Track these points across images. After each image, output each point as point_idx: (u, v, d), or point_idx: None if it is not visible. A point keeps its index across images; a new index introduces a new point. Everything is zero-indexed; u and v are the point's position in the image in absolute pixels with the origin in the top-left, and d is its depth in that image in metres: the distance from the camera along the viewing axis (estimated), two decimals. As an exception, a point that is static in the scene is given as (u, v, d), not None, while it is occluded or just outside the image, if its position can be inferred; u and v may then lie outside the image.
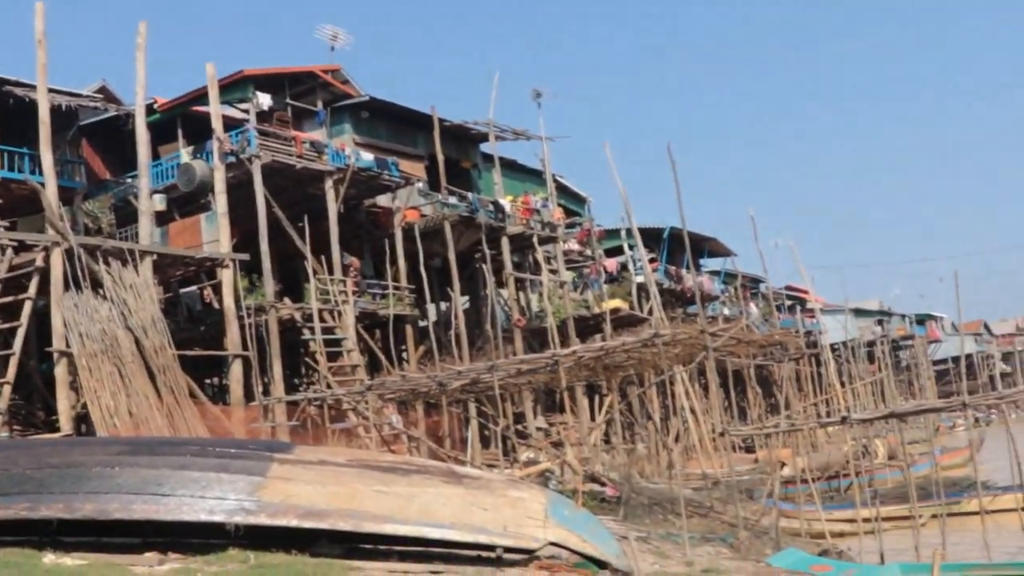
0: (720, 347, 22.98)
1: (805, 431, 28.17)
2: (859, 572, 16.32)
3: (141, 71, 28.61)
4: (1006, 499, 25.57)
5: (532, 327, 37.97)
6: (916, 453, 35.76)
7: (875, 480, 29.54)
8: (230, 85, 31.15)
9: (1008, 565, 17.17)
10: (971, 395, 21.82)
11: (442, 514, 11.73)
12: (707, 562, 15.82)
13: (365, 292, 32.22)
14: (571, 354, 22.15)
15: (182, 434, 23.18)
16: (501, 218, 37.04)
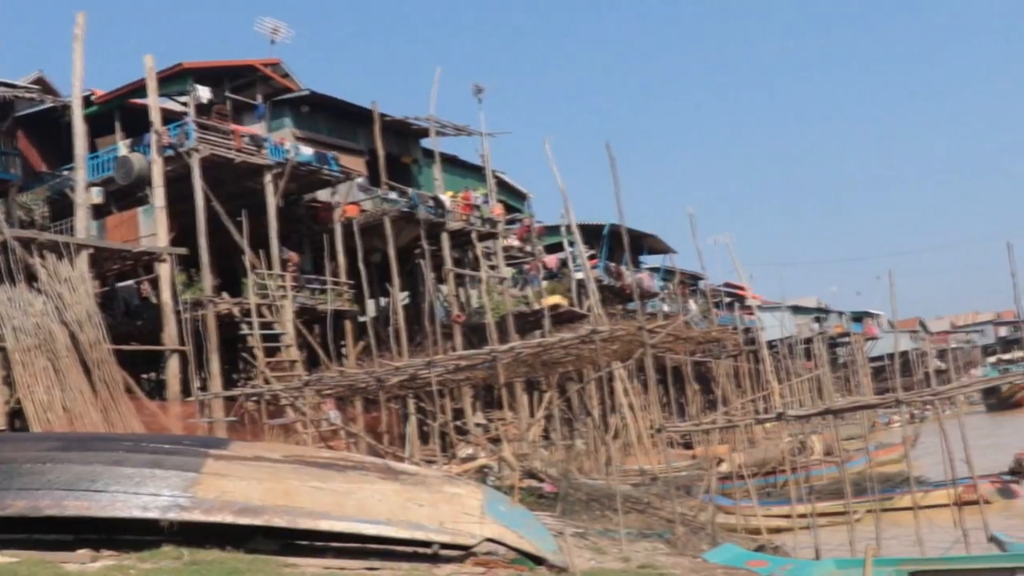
0: (658, 344, 23.04)
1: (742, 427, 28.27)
2: (794, 567, 16.41)
3: (79, 62, 28.33)
4: (938, 495, 25.91)
5: (472, 323, 37.98)
6: (852, 449, 36.13)
7: (811, 476, 29.80)
8: (169, 78, 30.91)
9: (940, 560, 17.38)
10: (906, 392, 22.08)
11: (378, 510, 11.69)
12: (644, 558, 15.88)
13: (304, 287, 32.08)
14: (509, 350, 22.14)
15: (117, 430, 22.96)
16: (441, 214, 37.01)
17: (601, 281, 47.20)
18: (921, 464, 34.76)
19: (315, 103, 35.44)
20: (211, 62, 33.08)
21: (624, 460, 35.35)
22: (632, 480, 30.76)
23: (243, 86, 33.93)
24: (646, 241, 57.81)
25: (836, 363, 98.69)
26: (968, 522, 19.39)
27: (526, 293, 42.96)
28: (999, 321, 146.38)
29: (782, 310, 75.35)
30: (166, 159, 29.07)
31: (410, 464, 19.90)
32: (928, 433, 27.30)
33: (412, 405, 31.60)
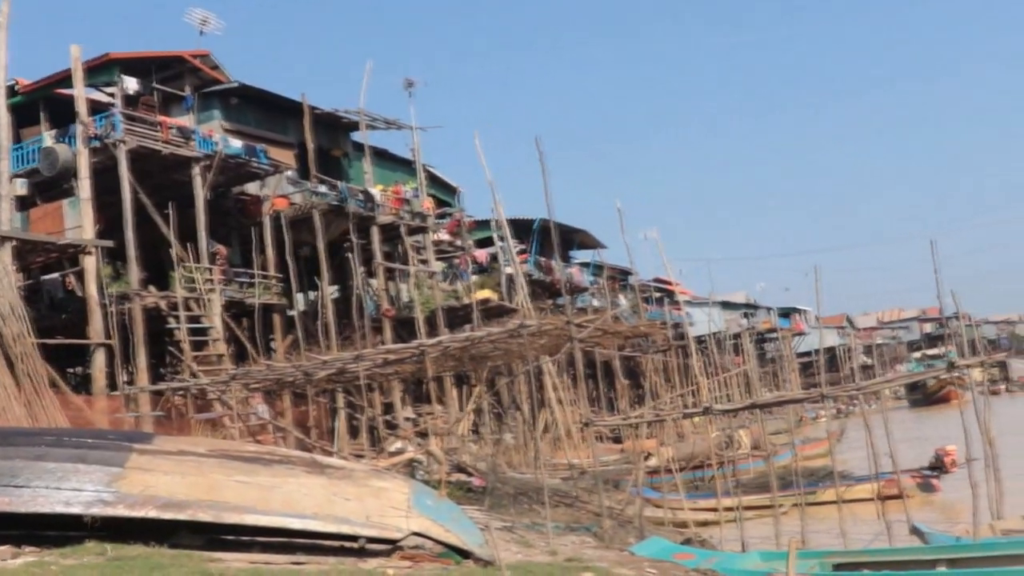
0: (586, 338, 23.16)
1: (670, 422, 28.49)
2: (720, 560, 16.54)
3: (2, 51, 27.85)
4: (861, 488, 26.26)
5: (402, 317, 37.90)
6: (779, 444, 36.44)
7: (738, 470, 30.06)
8: (96, 68, 30.55)
9: (863, 552, 17.60)
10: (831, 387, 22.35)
11: (304, 504, 11.66)
12: (571, 551, 15.92)
13: (232, 281, 31.86)
14: (437, 344, 22.12)
15: (42, 425, 22.66)
16: (371, 207, 36.91)
17: (531, 276, 47.31)
18: (847, 458, 35.18)
19: (244, 95, 35.20)
20: (139, 53, 32.72)
21: (553, 454, 35.47)
22: (561, 474, 30.86)
23: (171, 77, 33.60)
24: (576, 236, 57.95)
25: (764, 358, 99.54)
26: (891, 515, 19.69)
27: (456, 287, 42.94)
28: (924, 318, 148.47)
29: (710, 305, 75.82)
30: (92, 150, 28.71)
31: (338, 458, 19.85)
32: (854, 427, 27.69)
33: (341, 399, 31.49)
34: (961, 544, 16.94)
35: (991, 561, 15.50)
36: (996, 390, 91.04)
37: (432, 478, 22.09)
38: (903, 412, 77.71)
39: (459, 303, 40.85)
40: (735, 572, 15.39)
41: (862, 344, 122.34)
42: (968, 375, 23.84)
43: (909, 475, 25.51)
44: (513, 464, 31.93)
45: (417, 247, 41.14)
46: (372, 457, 25.57)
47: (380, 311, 36.99)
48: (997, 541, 17.13)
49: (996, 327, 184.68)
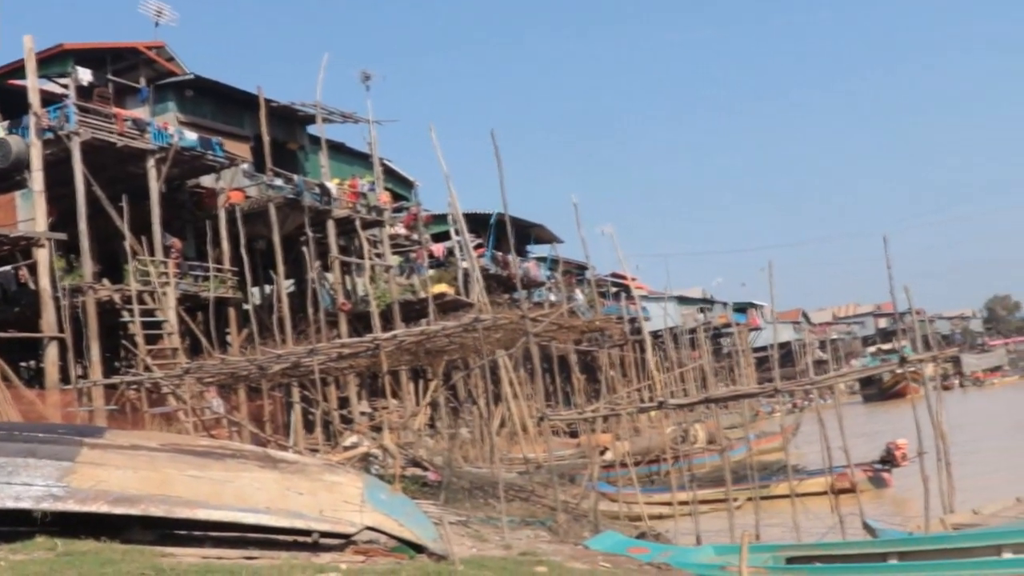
0: (541, 332, 23.18)
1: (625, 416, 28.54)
2: (674, 554, 16.62)
3: (-47, 42, 27.68)
4: (812, 482, 26.47)
5: (358, 311, 37.83)
6: (734, 438, 36.64)
7: (693, 464, 30.19)
8: (49, 59, 30.30)
9: (816, 545, 17.74)
10: (786, 381, 22.51)
11: (257, 499, 11.61)
12: (525, 545, 15.96)
13: (187, 274, 31.66)
14: (392, 338, 22.10)
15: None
16: (327, 201, 36.80)
17: (488, 270, 47.28)
18: (802, 452, 35.43)
19: (200, 87, 34.98)
20: (93, 43, 32.51)
21: (510, 449, 35.50)
22: (517, 469, 30.91)
23: (126, 69, 33.38)
24: (533, 231, 58.02)
25: (720, 353, 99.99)
26: (844, 509, 19.87)
27: (412, 282, 42.88)
28: (879, 313, 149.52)
29: (665, 300, 76.08)
30: (45, 142, 28.43)
31: (292, 453, 19.79)
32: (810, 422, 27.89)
33: (296, 393, 31.40)
34: (912, 538, 17.09)
35: (941, 555, 15.64)
36: (948, 385, 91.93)
37: (387, 472, 22.06)
38: (857, 407, 78.35)
39: (415, 297, 40.81)
40: (689, 566, 15.46)
41: (817, 339, 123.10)
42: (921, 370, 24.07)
43: (860, 469, 25.70)
44: (469, 458, 31.95)
45: (373, 241, 41.05)
46: (327, 452, 25.48)
47: (336, 305, 36.89)
48: (948, 535, 17.29)
49: (950, 323, 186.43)
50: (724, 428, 34.80)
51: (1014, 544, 15.58)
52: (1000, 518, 19.41)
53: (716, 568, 15.36)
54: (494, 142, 20.27)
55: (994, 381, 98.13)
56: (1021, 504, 20.52)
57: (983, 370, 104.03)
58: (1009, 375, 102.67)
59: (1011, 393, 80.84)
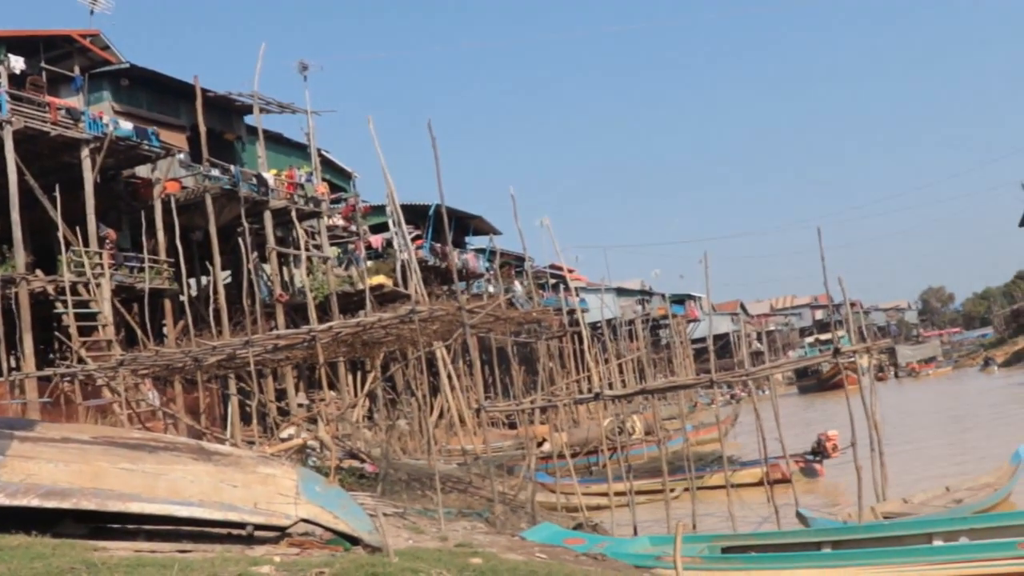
0: (478, 324, 23.19)
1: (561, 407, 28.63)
2: (611, 544, 16.69)
3: None
4: (747, 473, 26.71)
5: (295, 303, 37.66)
6: (671, 429, 36.83)
7: (631, 455, 30.32)
8: (-21, 47, 29.95)
9: (750, 535, 17.91)
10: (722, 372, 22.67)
11: (191, 492, 11.52)
12: (462, 536, 15.95)
13: (122, 265, 31.36)
14: (328, 330, 22.04)
15: (-78, 412, 22.23)
16: (264, 192, 36.58)
17: (426, 262, 47.25)
18: (741, 443, 35.70)
19: (135, 77, 34.65)
20: (25, 31, 32.14)
21: (448, 440, 35.52)
22: (456, 460, 30.93)
23: (60, 57, 33.02)
24: (472, 222, 57.97)
25: (659, 344, 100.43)
26: (779, 499, 20.07)
27: (350, 273, 42.75)
28: (815, 304, 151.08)
29: (602, 292, 76.31)
30: (-24, 131, 28.11)
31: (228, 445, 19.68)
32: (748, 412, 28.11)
33: (233, 385, 31.23)
34: (845, 527, 17.35)
35: (874, 543, 15.87)
36: (883, 376, 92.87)
37: (324, 465, 22.00)
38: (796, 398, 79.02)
39: (353, 289, 40.69)
40: (624, 556, 15.54)
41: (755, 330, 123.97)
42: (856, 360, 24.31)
43: (792, 460, 25.96)
44: (408, 450, 31.92)
45: (311, 232, 40.89)
46: (263, 444, 25.36)
47: (273, 296, 36.71)
48: (880, 524, 17.58)
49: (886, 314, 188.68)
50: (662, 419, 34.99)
51: (944, 532, 15.87)
52: (929, 507, 19.74)
53: (651, 558, 15.45)
54: (431, 133, 20.29)
55: (928, 372, 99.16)
56: (950, 493, 20.86)
57: (918, 361, 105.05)
58: (943, 366, 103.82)
59: (944, 384, 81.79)
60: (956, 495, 20.67)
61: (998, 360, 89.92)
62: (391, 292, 41.71)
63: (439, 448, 31.24)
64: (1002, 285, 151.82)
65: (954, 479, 22.65)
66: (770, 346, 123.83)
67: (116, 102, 33.81)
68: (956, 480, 22.40)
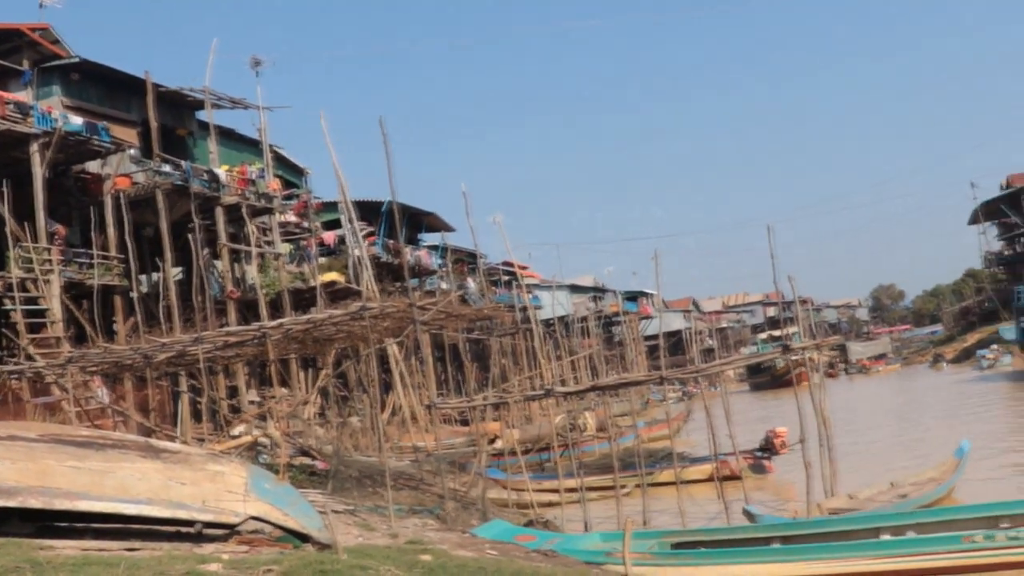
0: (430, 321, 23.19)
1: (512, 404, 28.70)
2: (561, 541, 16.78)
3: None
4: (697, 469, 26.86)
5: (247, 299, 37.48)
6: (624, 426, 36.98)
7: (583, 452, 30.42)
8: (-74, 40, 29.64)
9: (700, 531, 18.04)
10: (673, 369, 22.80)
11: (139, 489, 11.46)
12: (412, 533, 15.94)
13: (72, 261, 31.10)
14: (278, 327, 21.96)
15: None
16: (216, 188, 36.36)
17: (379, 258, 47.15)
18: (694, 440, 35.91)
19: (86, 71, 34.36)
20: (-27, 25, 31.86)
21: (401, 437, 35.47)
22: (407, 457, 30.90)
23: (8, 51, 32.73)
24: (425, 219, 57.94)
25: (612, 341, 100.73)
26: (730, 496, 20.23)
27: (303, 269, 42.62)
28: (767, 302, 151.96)
29: (554, 289, 76.43)
30: (-78, 125, 27.84)
31: (178, 442, 19.59)
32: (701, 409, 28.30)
33: (184, 383, 31.06)
34: (793, 523, 17.53)
35: (822, 538, 16.05)
36: (834, 373, 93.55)
37: (276, 462, 21.93)
38: (747, 395, 79.44)
39: (305, 285, 40.55)
40: (575, 552, 15.62)
41: (707, 327, 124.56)
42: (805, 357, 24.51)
43: (741, 456, 26.18)
44: (360, 447, 31.84)
45: (263, 228, 40.71)
46: (212, 441, 25.25)
47: (225, 293, 36.53)
48: (829, 519, 17.80)
49: (837, 311, 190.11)
50: (615, 416, 35.12)
51: (892, 527, 16.09)
52: (875, 502, 19.99)
53: (602, 554, 15.54)
54: (383, 129, 20.30)
55: (879, 368, 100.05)
56: (895, 488, 21.11)
57: (868, 358, 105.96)
58: (892, 363, 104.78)
59: (894, 380, 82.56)
60: (901, 490, 20.95)
61: (947, 357, 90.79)
62: (344, 289, 41.61)
63: (391, 445, 31.18)
64: (952, 283, 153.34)
65: (900, 474, 22.90)
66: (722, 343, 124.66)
67: (66, 97, 33.52)
68: (901, 475, 22.66)
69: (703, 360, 32.39)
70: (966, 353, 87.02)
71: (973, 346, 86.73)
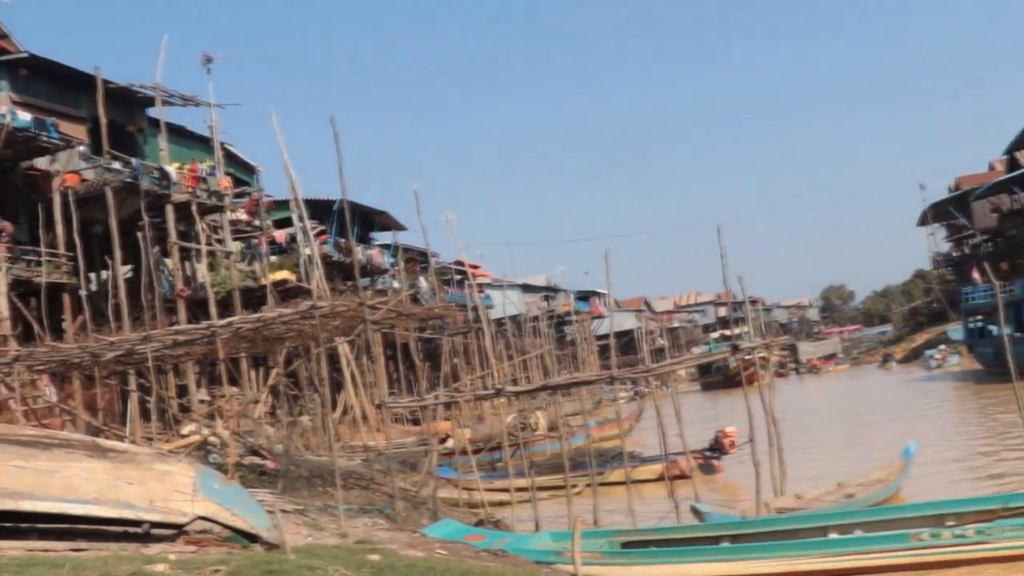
0: (381, 320, 23.14)
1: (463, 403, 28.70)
2: (511, 540, 16.81)
3: None
4: (647, 469, 26.95)
5: (198, 298, 37.25)
6: (575, 425, 37.05)
7: (534, 451, 30.47)
8: None
9: (649, 530, 18.11)
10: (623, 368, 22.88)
11: (85, 489, 11.37)
12: (362, 533, 15.92)
13: (19, 258, 30.83)
14: (228, 325, 21.85)
15: None
16: (166, 185, 36.06)
17: (330, 257, 46.99)
18: (646, 440, 36.02)
19: (34, 66, 34.02)
20: (-81, 20, 31.49)
21: (353, 437, 35.40)
22: (359, 457, 30.84)
23: (-46, 47, 32.42)
24: (377, 218, 57.76)
25: (564, 341, 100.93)
26: (680, 495, 20.32)
27: (254, 268, 42.40)
28: (719, 302, 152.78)
29: (505, 288, 76.51)
30: None
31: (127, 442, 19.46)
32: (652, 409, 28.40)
33: (133, 381, 30.84)
34: (742, 522, 17.65)
35: (771, 536, 16.17)
36: (783, 373, 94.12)
37: (226, 461, 21.82)
38: (699, 395, 79.78)
39: (256, 284, 40.35)
40: (525, 552, 15.65)
41: (659, 327, 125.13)
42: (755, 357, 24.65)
43: (691, 456, 26.30)
44: (311, 447, 31.75)
45: (214, 226, 40.46)
46: (161, 440, 25.09)
47: (175, 291, 36.28)
48: (778, 518, 17.94)
49: (788, 311, 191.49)
50: (566, 415, 35.17)
51: (839, 525, 16.24)
52: (822, 502, 20.15)
53: (552, 554, 15.57)
54: (334, 128, 20.20)
55: (828, 368, 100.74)
56: (842, 488, 21.29)
57: (818, 358, 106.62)
58: (842, 363, 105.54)
59: (843, 380, 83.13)
60: (848, 490, 21.14)
61: (896, 357, 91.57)
62: (294, 287, 41.42)
63: (341, 444, 31.09)
64: (901, 284, 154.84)
65: (848, 475, 23.10)
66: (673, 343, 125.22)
67: (14, 92, 33.19)
68: (849, 476, 22.85)
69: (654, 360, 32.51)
70: (915, 353, 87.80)
71: (922, 346, 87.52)
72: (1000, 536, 14.19)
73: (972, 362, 64.84)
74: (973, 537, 14.39)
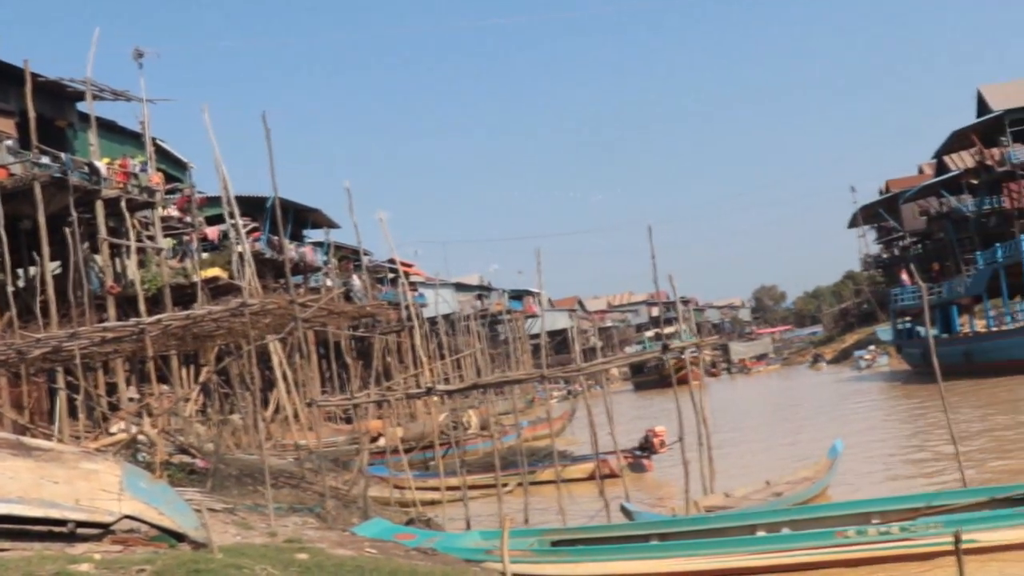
0: (312, 318, 23.05)
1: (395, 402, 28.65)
2: (442, 539, 16.84)
3: None
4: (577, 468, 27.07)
5: (128, 295, 36.88)
6: (508, 424, 37.14)
7: (466, 450, 30.49)
8: None
9: (580, 529, 18.22)
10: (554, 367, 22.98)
11: (9, 488, 11.28)
12: (292, 532, 15.88)
13: (-57, 255, 30.44)
14: (156, 322, 21.66)
15: None
16: (97, 181, 35.66)
17: (263, 254, 46.75)
18: (579, 439, 36.16)
19: (-40, 59, 33.61)
20: None
21: (284, 435, 35.25)
22: (290, 455, 30.72)
23: None
24: (311, 216, 57.54)
25: (497, 340, 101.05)
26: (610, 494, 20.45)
27: (185, 265, 42.07)
28: (651, 302, 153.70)
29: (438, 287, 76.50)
30: None
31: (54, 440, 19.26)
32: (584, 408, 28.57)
33: (62, 379, 30.50)
34: (671, 520, 17.81)
35: (700, 534, 16.33)
36: (715, 372, 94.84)
37: (155, 460, 21.65)
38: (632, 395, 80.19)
39: (187, 281, 40.04)
40: (455, 550, 15.69)
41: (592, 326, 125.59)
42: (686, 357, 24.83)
43: (621, 455, 26.44)
44: (242, 445, 31.58)
45: (145, 223, 40.09)
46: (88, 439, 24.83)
47: (104, 288, 35.90)
48: (706, 517, 18.11)
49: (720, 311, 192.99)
50: (499, 414, 35.22)
51: (767, 523, 16.42)
52: (750, 500, 20.36)
53: (481, 552, 15.62)
54: (265, 125, 20.14)
55: (760, 368, 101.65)
56: (770, 487, 21.52)
57: (750, 358, 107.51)
58: (773, 363, 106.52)
59: (774, 380, 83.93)
60: (776, 488, 21.35)
61: (826, 357, 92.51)
62: (226, 285, 41.11)
63: (273, 443, 30.95)
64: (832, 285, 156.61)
65: (776, 473, 23.33)
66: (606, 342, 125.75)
67: (-62, 85, 32.77)
68: (777, 474, 23.08)
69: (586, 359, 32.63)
70: (845, 354, 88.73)
71: (851, 347, 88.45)
72: (923, 533, 14.42)
73: (901, 363, 65.59)
74: (897, 534, 14.62)
